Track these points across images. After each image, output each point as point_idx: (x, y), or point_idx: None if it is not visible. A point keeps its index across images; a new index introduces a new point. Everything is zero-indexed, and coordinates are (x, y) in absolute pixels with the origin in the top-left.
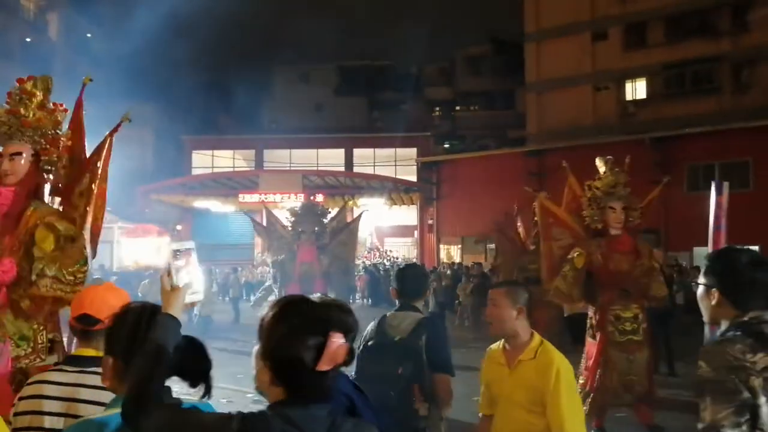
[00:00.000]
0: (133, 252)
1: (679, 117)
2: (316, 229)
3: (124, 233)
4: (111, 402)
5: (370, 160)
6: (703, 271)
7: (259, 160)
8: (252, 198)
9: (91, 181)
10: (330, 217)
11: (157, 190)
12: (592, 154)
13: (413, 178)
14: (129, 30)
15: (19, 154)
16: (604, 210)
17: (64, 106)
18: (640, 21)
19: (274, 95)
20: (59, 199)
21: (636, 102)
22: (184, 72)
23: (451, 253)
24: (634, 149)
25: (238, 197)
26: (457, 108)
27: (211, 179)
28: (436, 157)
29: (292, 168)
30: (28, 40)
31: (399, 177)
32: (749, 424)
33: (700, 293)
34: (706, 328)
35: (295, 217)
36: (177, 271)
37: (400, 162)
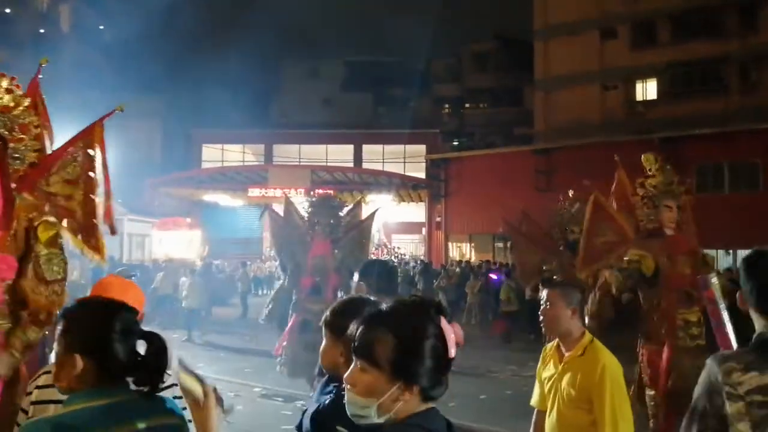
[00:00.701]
0: (165, 245)
1: (687, 116)
2: (332, 221)
3: (155, 226)
4: (67, 400)
5: (379, 156)
6: (741, 275)
7: (269, 155)
8: (261, 192)
9: (88, 169)
10: (346, 210)
11: (165, 183)
12: (600, 153)
13: (421, 175)
14: (140, 23)
15: None
16: (659, 209)
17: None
18: (648, 20)
19: (284, 90)
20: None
21: (644, 101)
22: (193, 65)
23: (463, 250)
24: (643, 149)
25: (248, 191)
26: (467, 105)
27: (220, 173)
28: (445, 154)
29: (302, 163)
30: (41, 31)
31: (407, 174)
32: None
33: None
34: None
35: (312, 208)
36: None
37: (409, 159)
